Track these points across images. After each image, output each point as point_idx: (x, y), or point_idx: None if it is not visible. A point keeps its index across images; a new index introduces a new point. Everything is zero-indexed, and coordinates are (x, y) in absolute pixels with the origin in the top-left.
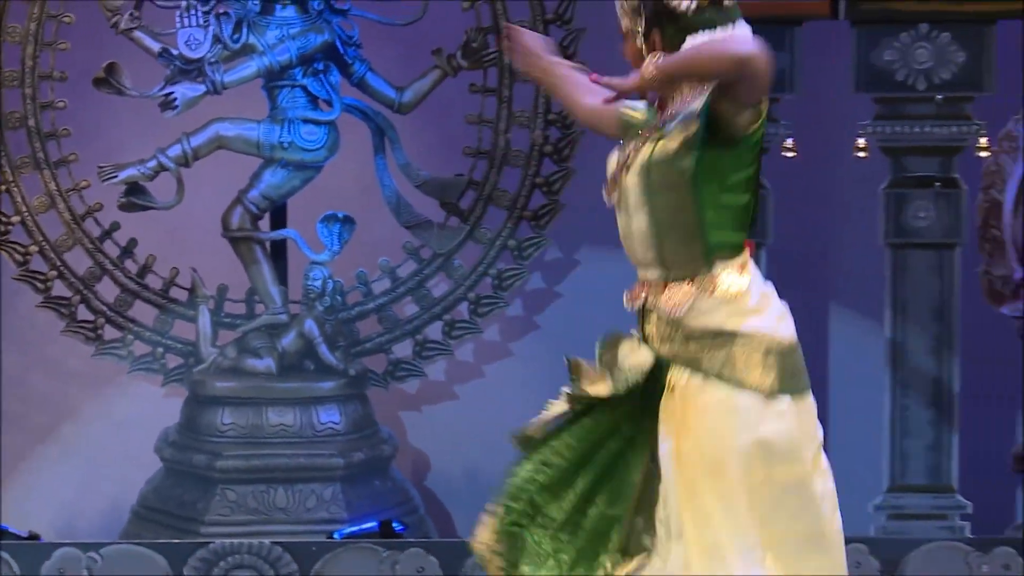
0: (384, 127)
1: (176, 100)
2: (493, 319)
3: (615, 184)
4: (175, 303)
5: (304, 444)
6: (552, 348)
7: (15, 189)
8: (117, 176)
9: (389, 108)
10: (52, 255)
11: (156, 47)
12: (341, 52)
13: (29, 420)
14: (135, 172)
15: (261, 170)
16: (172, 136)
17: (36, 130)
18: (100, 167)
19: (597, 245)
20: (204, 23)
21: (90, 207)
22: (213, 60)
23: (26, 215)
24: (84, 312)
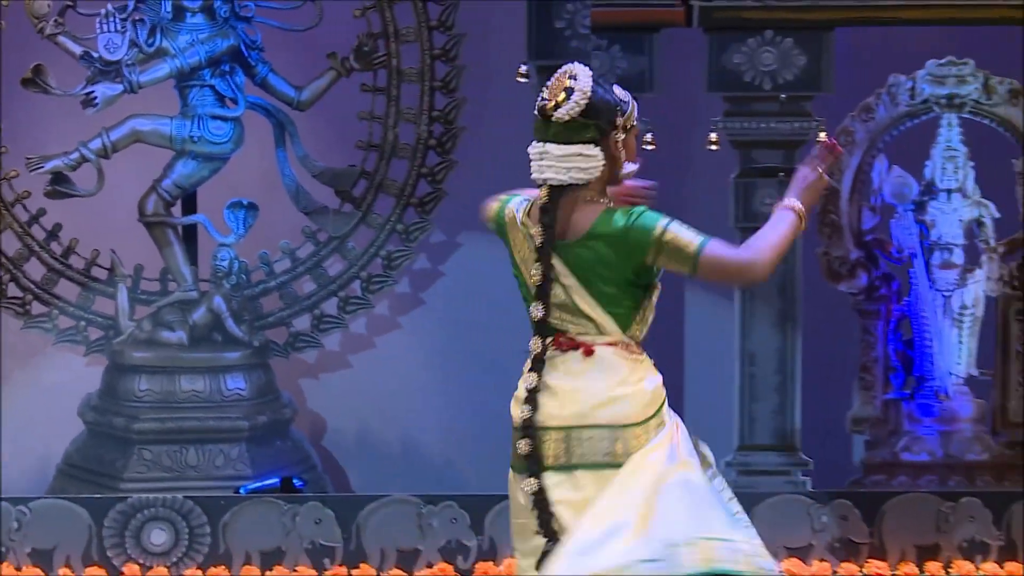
0: (284, 122)
1: (96, 98)
2: (383, 295)
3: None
4: (96, 281)
5: (213, 408)
6: (437, 322)
7: None
8: (43, 167)
9: (289, 105)
10: None
11: (78, 50)
12: (245, 55)
13: None
14: (59, 163)
15: (173, 161)
16: (93, 131)
17: None
18: (28, 158)
19: (476, 230)
20: (122, 28)
21: (19, 194)
22: (130, 62)
23: None
24: (14, 289)
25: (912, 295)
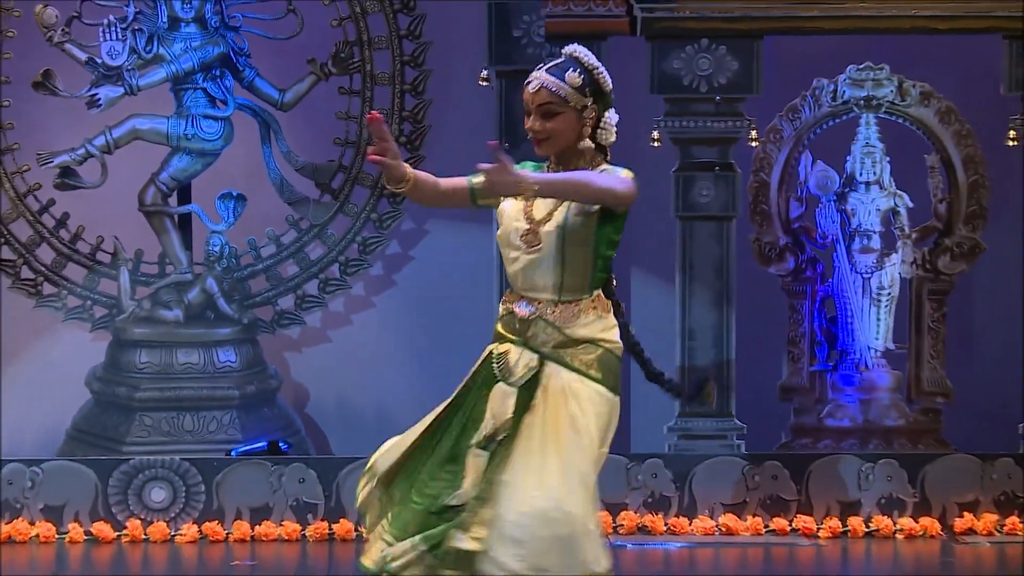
0: (269, 122)
1: (100, 100)
2: (359, 277)
3: (534, 233)
4: (101, 265)
5: (206, 379)
6: (407, 300)
7: None
8: (52, 161)
9: (273, 106)
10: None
11: (83, 56)
12: (234, 61)
13: None
14: (67, 158)
15: (170, 157)
16: (97, 129)
17: None
18: (38, 154)
19: (442, 218)
20: (122, 37)
21: (30, 187)
22: (130, 67)
23: None
24: (27, 272)
25: (835, 277)
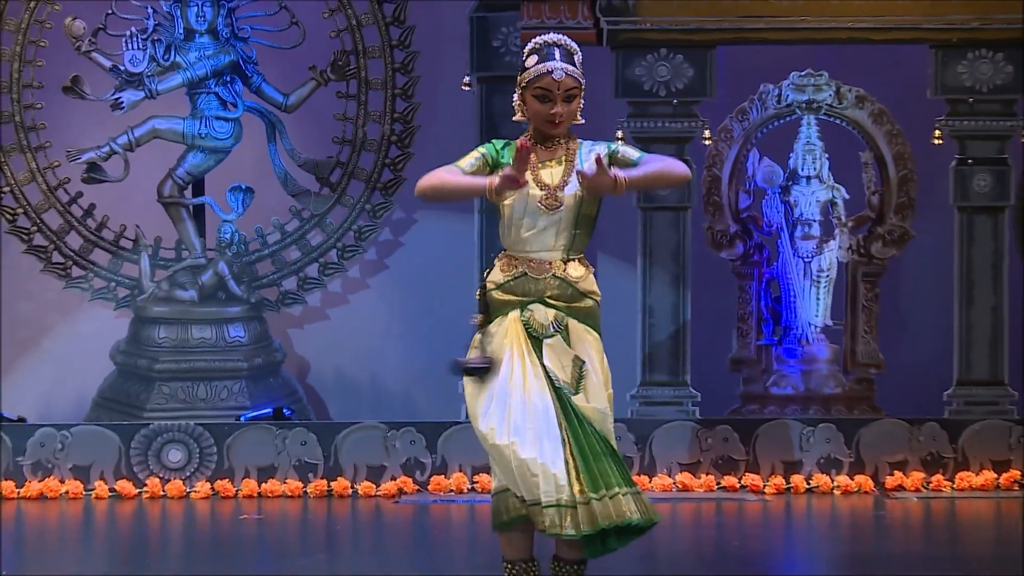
0: (275, 122)
1: (123, 103)
2: (355, 262)
3: (554, 197)
4: (123, 250)
5: (218, 352)
6: (398, 282)
7: (5, 167)
8: (80, 158)
9: (278, 108)
10: (33, 215)
11: (108, 64)
12: (243, 68)
13: (18, 335)
14: (93, 155)
15: (185, 154)
16: (120, 129)
17: (21, 124)
18: (67, 151)
19: (429, 208)
20: (143, 47)
21: (61, 180)
22: (150, 74)
23: (14, 186)
24: (57, 257)
25: (779, 261)
